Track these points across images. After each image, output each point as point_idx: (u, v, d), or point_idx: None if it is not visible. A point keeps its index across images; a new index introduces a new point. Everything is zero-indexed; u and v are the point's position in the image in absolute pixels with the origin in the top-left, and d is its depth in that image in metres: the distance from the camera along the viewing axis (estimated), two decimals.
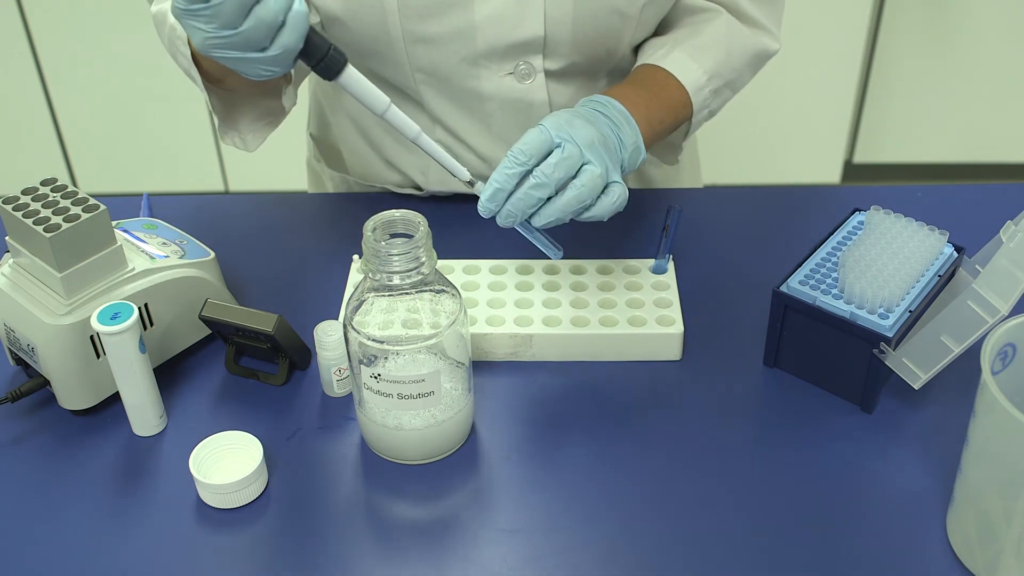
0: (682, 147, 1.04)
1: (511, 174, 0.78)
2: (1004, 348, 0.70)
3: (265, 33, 0.69)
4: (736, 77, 1.01)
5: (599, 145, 0.81)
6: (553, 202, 0.79)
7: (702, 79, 0.97)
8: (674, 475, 0.80)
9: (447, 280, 0.77)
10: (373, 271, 0.73)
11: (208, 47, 0.70)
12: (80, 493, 0.79)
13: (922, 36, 2.47)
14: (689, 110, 0.98)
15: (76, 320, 0.81)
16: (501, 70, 0.97)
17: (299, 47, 0.71)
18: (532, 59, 0.97)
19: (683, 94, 0.96)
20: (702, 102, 0.98)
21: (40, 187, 0.84)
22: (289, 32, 0.70)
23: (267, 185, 2.62)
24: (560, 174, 0.78)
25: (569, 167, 0.79)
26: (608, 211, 0.81)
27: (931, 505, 0.77)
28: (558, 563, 0.73)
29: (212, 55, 0.71)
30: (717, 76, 0.98)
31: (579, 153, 0.79)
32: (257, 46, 0.70)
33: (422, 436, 0.79)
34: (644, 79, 0.96)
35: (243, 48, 0.70)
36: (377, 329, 0.75)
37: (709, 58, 0.97)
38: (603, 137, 0.83)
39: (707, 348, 0.91)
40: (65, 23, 2.39)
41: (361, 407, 0.80)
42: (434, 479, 0.80)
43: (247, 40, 0.69)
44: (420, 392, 0.76)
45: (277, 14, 0.68)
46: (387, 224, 0.75)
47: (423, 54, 0.96)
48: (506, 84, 0.98)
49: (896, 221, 0.90)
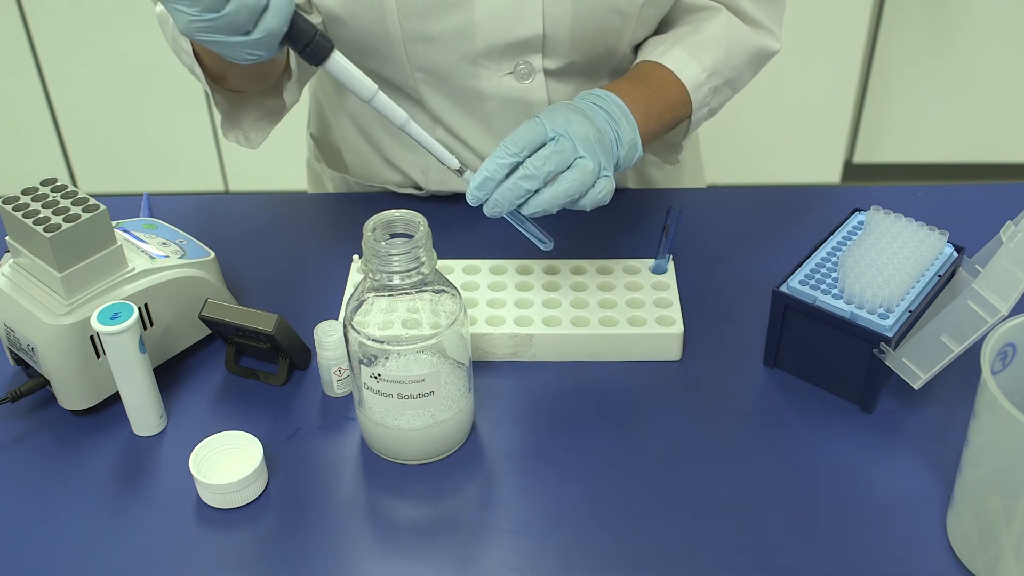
0: (682, 147, 1.04)
1: (501, 164, 0.79)
2: (1004, 348, 0.70)
3: (248, 16, 0.69)
4: (736, 76, 1.01)
5: (594, 140, 0.81)
6: (541, 193, 0.80)
7: (701, 76, 0.97)
8: (674, 475, 0.80)
9: (447, 280, 0.77)
10: (373, 271, 0.73)
11: (192, 30, 0.70)
12: (80, 493, 0.79)
13: (922, 36, 2.47)
14: (688, 108, 0.98)
15: (76, 320, 0.81)
16: (501, 69, 0.97)
17: (283, 31, 0.71)
18: (531, 58, 0.97)
19: (682, 91, 0.96)
20: (701, 100, 0.98)
21: (40, 187, 0.84)
22: (272, 16, 0.70)
23: (267, 185, 2.62)
24: (551, 167, 0.79)
25: (561, 161, 0.79)
26: (592, 203, 0.82)
27: (931, 505, 0.77)
28: (558, 563, 0.73)
29: (197, 39, 0.71)
30: (717, 74, 0.98)
31: (572, 147, 0.80)
32: (240, 29, 0.70)
33: (422, 436, 0.79)
34: (643, 75, 0.96)
35: (227, 31, 0.70)
36: (377, 329, 0.75)
37: (708, 56, 0.97)
38: (599, 132, 0.83)
39: (707, 348, 0.91)
40: (65, 23, 2.39)
41: (361, 407, 0.80)
42: (434, 479, 0.80)
43: (230, 23, 0.69)
44: (420, 392, 0.76)
45: None
46: (387, 224, 0.75)
47: (423, 53, 0.96)
48: (506, 83, 0.99)
49: (896, 221, 0.90)
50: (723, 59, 0.98)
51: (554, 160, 0.79)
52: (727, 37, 0.99)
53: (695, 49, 0.97)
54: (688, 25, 1.01)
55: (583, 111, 0.84)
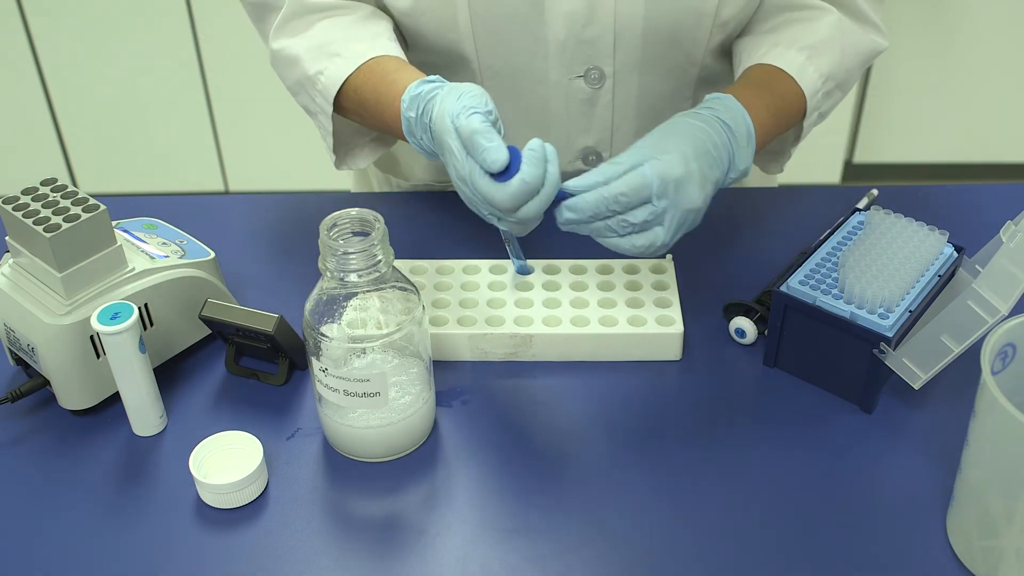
0: (791, 154, 1.00)
1: (598, 210, 0.77)
2: (1004, 348, 0.70)
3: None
4: (847, 77, 0.97)
5: (694, 211, 0.79)
6: (600, 230, 0.79)
7: (818, 83, 0.93)
8: (674, 475, 0.80)
9: (405, 278, 0.78)
10: (331, 270, 0.73)
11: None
12: (80, 493, 0.79)
13: (922, 36, 2.47)
14: (800, 116, 0.94)
15: (76, 320, 0.81)
16: (571, 72, 0.96)
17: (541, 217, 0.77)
18: (601, 62, 0.96)
19: (799, 98, 0.93)
20: (815, 105, 0.94)
21: (40, 187, 0.84)
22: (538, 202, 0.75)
23: (267, 185, 2.62)
24: (632, 229, 0.78)
25: (645, 226, 0.78)
26: (624, 251, 0.80)
27: (931, 505, 0.77)
28: (558, 563, 0.73)
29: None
30: (831, 78, 0.94)
31: (663, 221, 0.78)
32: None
33: (380, 433, 0.79)
34: (769, 83, 0.92)
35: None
36: (336, 327, 0.75)
37: (825, 60, 0.94)
38: (706, 194, 0.80)
39: (707, 348, 0.91)
40: (65, 23, 2.39)
41: (320, 404, 0.81)
42: (435, 479, 0.80)
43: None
44: (366, 391, 0.76)
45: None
46: (343, 223, 0.75)
47: (492, 51, 0.95)
48: (573, 87, 0.98)
49: (896, 221, 0.90)
50: (838, 62, 0.95)
51: (641, 229, 0.78)
52: (840, 38, 0.95)
53: (812, 53, 0.93)
54: (798, 25, 0.96)
55: (711, 145, 0.80)
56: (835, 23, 0.96)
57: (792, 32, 0.95)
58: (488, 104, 0.76)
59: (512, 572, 0.73)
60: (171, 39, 2.40)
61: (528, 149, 0.74)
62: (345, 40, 0.92)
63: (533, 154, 0.74)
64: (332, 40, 0.93)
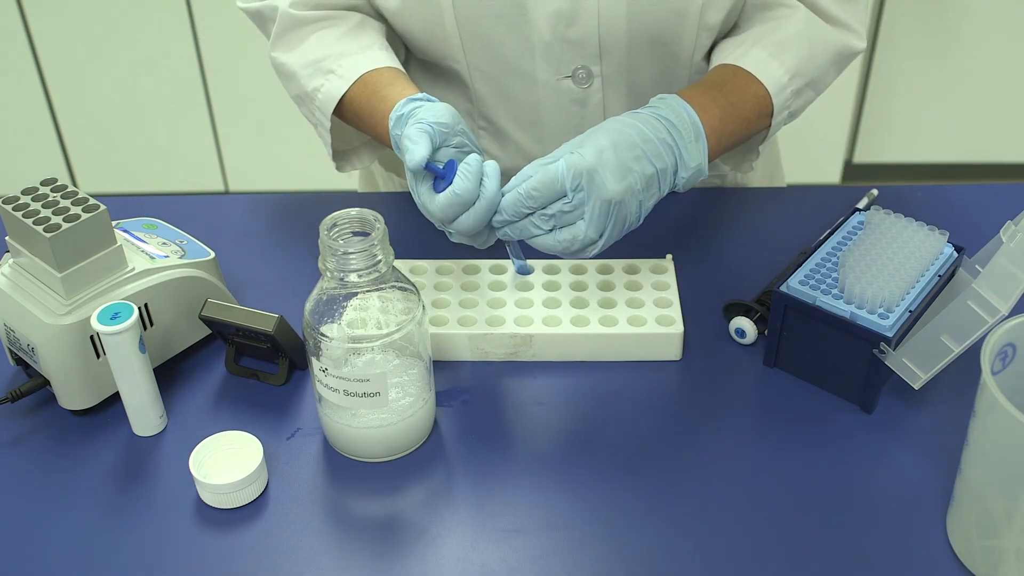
0: (758, 152, 1.00)
1: (518, 212, 0.80)
2: (1004, 348, 0.70)
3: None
4: (819, 76, 0.96)
5: (616, 202, 0.79)
6: (525, 228, 0.81)
7: (784, 78, 0.93)
8: (674, 475, 0.80)
9: (405, 278, 0.78)
10: (331, 270, 0.73)
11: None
12: (80, 493, 0.79)
13: (922, 36, 2.47)
14: (768, 114, 0.94)
15: (76, 320, 0.81)
16: (559, 73, 0.97)
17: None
18: (589, 62, 0.96)
19: (763, 97, 0.92)
20: (783, 103, 0.94)
21: (40, 187, 0.84)
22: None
23: (267, 185, 2.62)
24: (554, 224, 0.80)
25: (566, 221, 0.80)
26: (553, 249, 0.82)
27: (931, 505, 0.77)
28: (558, 563, 0.73)
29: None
30: (799, 75, 0.94)
31: (581, 212, 0.79)
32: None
33: (380, 433, 0.79)
34: (721, 82, 0.92)
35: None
36: (336, 327, 0.75)
37: (790, 55, 0.93)
38: (628, 185, 0.79)
39: (707, 348, 0.91)
40: (65, 23, 2.39)
41: (320, 404, 0.80)
42: (434, 479, 0.80)
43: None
44: (366, 391, 0.76)
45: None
46: (343, 223, 0.75)
47: (480, 52, 0.96)
48: (563, 87, 0.98)
49: (896, 221, 0.90)
50: (806, 58, 0.94)
51: (560, 220, 0.80)
52: (808, 35, 0.94)
53: (776, 49, 0.93)
54: (765, 24, 0.96)
55: (640, 138, 0.81)
56: (803, 20, 0.96)
57: (759, 32, 0.96)
58: (451, 122, 0.80)
59: (512, 572, 0.73)
60: (171, 39, 2.40)
61: (464, 163, 0.78)
62: (338, 56, 0.94)
63: (467, 168, 0.78)
64: (325, 56, 0.94)
